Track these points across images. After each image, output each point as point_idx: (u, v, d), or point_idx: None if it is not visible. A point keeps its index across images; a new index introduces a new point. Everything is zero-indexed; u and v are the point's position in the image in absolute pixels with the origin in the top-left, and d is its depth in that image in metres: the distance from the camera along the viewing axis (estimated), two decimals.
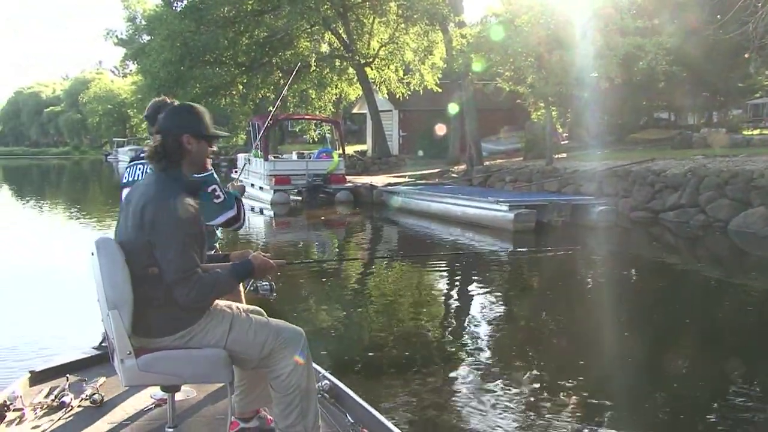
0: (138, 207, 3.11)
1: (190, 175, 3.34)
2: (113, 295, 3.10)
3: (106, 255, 3.13)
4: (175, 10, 34.79)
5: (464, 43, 25.18)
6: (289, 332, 3.38)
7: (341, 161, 25.15)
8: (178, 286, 3.04)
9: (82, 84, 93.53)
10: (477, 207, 17.08)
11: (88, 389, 4.31)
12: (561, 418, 5.48)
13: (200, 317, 3.21)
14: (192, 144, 3.26)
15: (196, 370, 3.22)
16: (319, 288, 10.87)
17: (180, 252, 3.04)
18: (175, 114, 3.35)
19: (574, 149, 27.91)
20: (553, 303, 10.06)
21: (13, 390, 4.20)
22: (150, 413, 4.12)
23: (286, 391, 3.31)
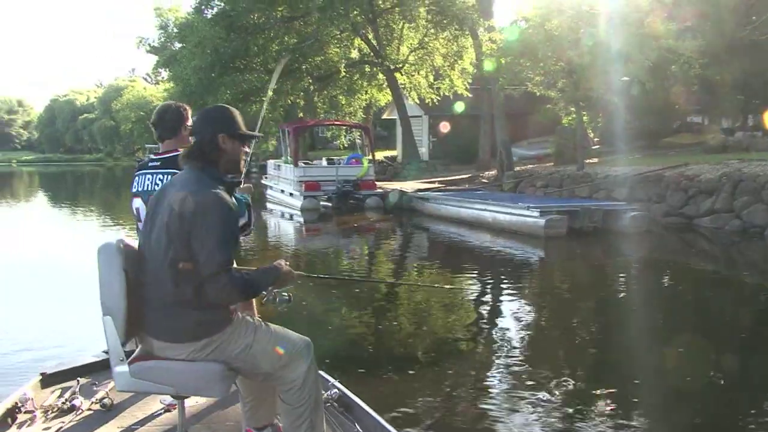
0: (177, 198, 3.09)
1: (226, 175, 3.32)
2: (108, 301, 3.12)
3: (104, 261, 3.14)
4: (205, 18, 34.95)
5: (494, 47, 25.06)
6: (300, 343, 3.36)
7: (371, 167, 25.11)
8: (212, 280, 3.00)
9: (115, 91, 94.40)
10: (508, 213, 16.96)
11: (99, 393, 4.32)
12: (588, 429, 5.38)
13: (226, 326, 3.17)
14: (227, 143, 3.28)
15: (189, 383, 3.17)
16: (341, 294, 10.85)
17: (219, 244, 3.02)
18: (209, 115, 3.39)
19: (605, 154, 27.60)
20: (584, 309, 9.95)
21: (25, 392, 4.22)
22: (160, 418, 4.11)
23: (297, 403, 3.29)
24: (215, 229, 3.03)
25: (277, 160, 29.72)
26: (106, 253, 3.16)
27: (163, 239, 3.10)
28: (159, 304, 3.13)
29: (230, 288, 3.03)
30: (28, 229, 22.03)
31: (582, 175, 21.82)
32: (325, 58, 35.74)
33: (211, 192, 3.09)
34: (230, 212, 3.12)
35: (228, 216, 3.10)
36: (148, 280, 3.16)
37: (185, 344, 3.12)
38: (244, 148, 3.40)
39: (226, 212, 3.09)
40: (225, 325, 3.17)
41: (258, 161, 49.81)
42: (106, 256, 3.15)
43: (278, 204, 26.19)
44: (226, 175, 3.33)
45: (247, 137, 3.42)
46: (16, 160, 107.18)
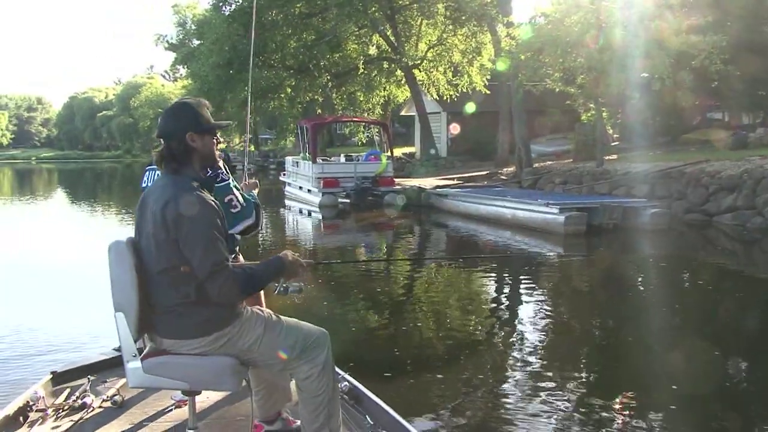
0: (158, 208, 3.09)
1: (203, 171, 3.33)
2: (119, 297, 3.13)
3: (115, 258, 3.16)
4: (223, 14, 35.03)
5: (513, 43, 24.94)
6: (316, 334, 3.37)
7: (389, 164, 25.08)
8: (211, 280, 3.02)
9: (133, 89, 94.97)
10: (527, 210, 16.88)
11: (109, 390, 4.36)
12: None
13: (235, 320, 3.19)
14: (197, 141, 3.24)
15: (202, 377, 3.18)
16: (357, 288, 10.94)
17: (207, 245, 3.03)
18: (173, 115, 3.32)
19: (624, 150, 27.41)
20: (603, 308, 9.89)
21: (36, 391, 4.24)
22: (170, 414, 4.14)
23: (315, 392, 3.31)
24: (201, 231, 3.04)
25: (296, 156, 29.71)
26: (116, 250, 3.17)
27: (153, 249, 3.12)
28: (163, 309, 3.15)
29: (230, 285, 3.04)
30: (44, 225, 22.14)
31: (601, 171, 21.68)
32: (343, 55, 35.78)
33: (190, 195, 3.08)
34: (213, 211, 3.11)
35: (211, 215, 3.09)
36: (150, 285, 3.16)
37: (196, 339, 3.14)
38: (215, 140, 3.36)
39: (209, 212, 3.09)
40: (234, 318, 3.19)
41: (276, 158, 49.95)
42: (117, 253, 3.16)
43: (296, 201, 26.22)
44: (204, 172, 3.34)
45: (215, 128, 3.37)
46: (35, 156, 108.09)
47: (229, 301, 3.14)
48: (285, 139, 46.91)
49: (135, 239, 3.25)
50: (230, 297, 3.11)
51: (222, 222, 3.17)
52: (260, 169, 52.20)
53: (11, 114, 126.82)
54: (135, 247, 3.19)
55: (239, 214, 4.20)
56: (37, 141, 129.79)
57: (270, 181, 41.05)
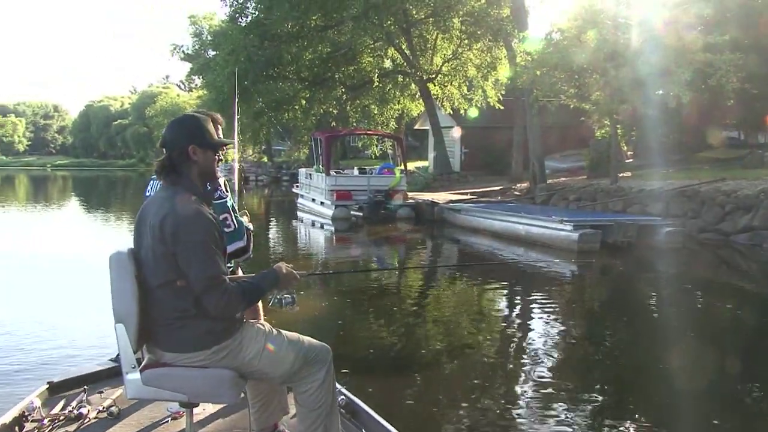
0: (156, 221, 3.09)
1: (202, 185, 3.32)
2: (120, 308, 3.14)
3: (116, 269, 3.17)
4: (239, 26, 35.17)
5: (528, 59, 24.88)
6: (318, 348, 3.39)
7: (403, 177, 25.03)
8: (207, 295, 3.04)
9: (149, 98, 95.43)
10: (540, 226, 16.78)
11: (106, 401, 4.36)
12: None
13: (235, 333, 3.20)
14: (198, 154, 3.24)
15: (200, 389, 3.18)
16: (363, 299, 10.94)
17: (204, 260, 3.04)
18: (178, 126, 3.33)
19: (639, 168, 27.28)
20: (616, 326, 9.77)
21: (32, 401, 4.25)
22: (166, 426, 4.14)
23: (313, 406, 3.32)
24: (198, 245, 3.05)
25: (309, 168, 29.72)
26: (117, 261, 3.18)
27: (151, 262, 3.13)
28: (163, 321, 3.15)
29: (226, 300, 3.06)
30: (53, 232, 22.19)
31: (615, 188, 21.59)
32: (358, 68, 35.89)
33: (187, 208, 3.09)
34: (211, 225, 3.12)
35: (209, 229, 3.10)
36: (149, 297, 3.17)
37: (196, 353, 3.15)
38: (217, 157, 3.35)
39: (207, 226, 3.10)
40: (234, 331, 3.20)
41: (289, 169, 50.00)
42: (118, 263, 3.17)
43: (309, 213, 26.20)
44: (202, 186, 3.32)
45: (219, 145, 3.36)
46: (50, 164, 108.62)
47: (226, 315, 3.14)
48: (298, 151, 46.91)
49: (135, 250, 3.25)
50: (227, 311, 3.11)
51: (220, 236, 3.18)
52: (273, 181, 52.30)
53: (28, 121, 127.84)
54: (135, 258, 3.20)
55: (232, 235, 4.17)
56: (53, 148, 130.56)
57: (282, 193, 41.12)
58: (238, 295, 3.10)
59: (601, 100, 22.46)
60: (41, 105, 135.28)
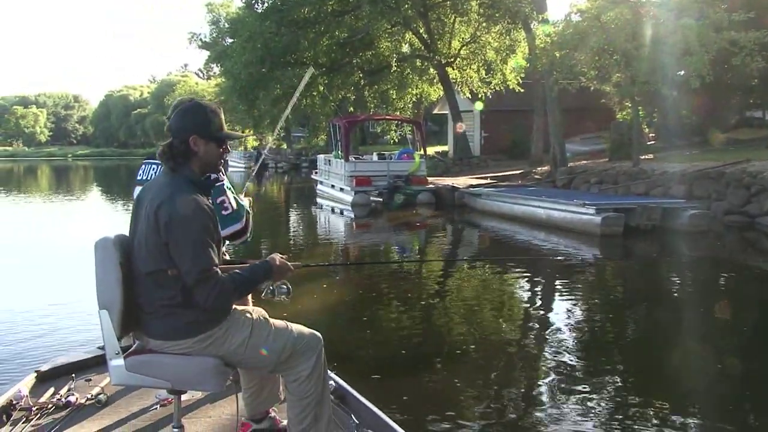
0: (152, 209, 3.07)
1: (202, 174, 3.26)
2: (104, 295, 3.13)
3: (102, 255, 3.16)
4: (256, 12, 35.03)
5: (548, 41, 24.58)
6: (308, 337, 3.36)
7: (423, 162, 24.86)
8: (198, 287, 3.01)
9: (168, 87, 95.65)
10: (562, 210, 16.58)
11: (94, 389, 4.35)
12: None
13: (221, 321, 3.17)
14: (199, 146, 3.20)
15: (184, 377, 3.18)
16: (379, 286, 10.78)
17: (197, 251, 3.01)
18: (183, 114, 3.25)
19: (661, 150, 26.99)
20: (639, 312, 9.60)
21: (19, 389, 4.27)
22: (155, 413, 4.14)
23: (302, 395, 3.32)
24: (192, 236, 3.02)
25: (328, 155, 29.60)
26: (102, 247, 3.17)
27: (143, 249, 3.11)
28: (149, 309, 3.15)
29: (218, 292, 3.03)
30: (66, 222, 22.19)
31: (637, 171, 21.29)
32: (375, 53, 35.68)
33: (183, 198, 3.05)
34: (206, 216, 3.09)
35: (204, 220, 3.07)
36: (137, 284, 3.17)
37: (181, 340, 3.14)
38: (221, 150, 3.30)
39: (202, 217, 3.07)
40: (221, 320, 3.17)
41: (308, 156, 49.94)
42: (103, 250, 3.16)
43: (328, 199, 26.09)
44: (202, 175, 3.26)
45: (223, 139, 3.31)
46: (71, 154, 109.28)
47: (217, 307, 3.11)
48: (317, 137, 46.83)
49: (128, 236, 3.25)
50: (218, 303, 3.08)
51: (215, 227, 3.15)
52: (292, 168, 52.29)
53: (49, 112, 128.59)
54: (125, 244, 3.20)
55: (229, 217, 4.13)
56: (74, 138, 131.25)
57: (302, 180, 41.08)
58: (229, 287, 3.08)
59: (621, 82, 22.16)
60: (62, 96, 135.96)
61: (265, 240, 17.74)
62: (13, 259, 13.60)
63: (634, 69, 21.18)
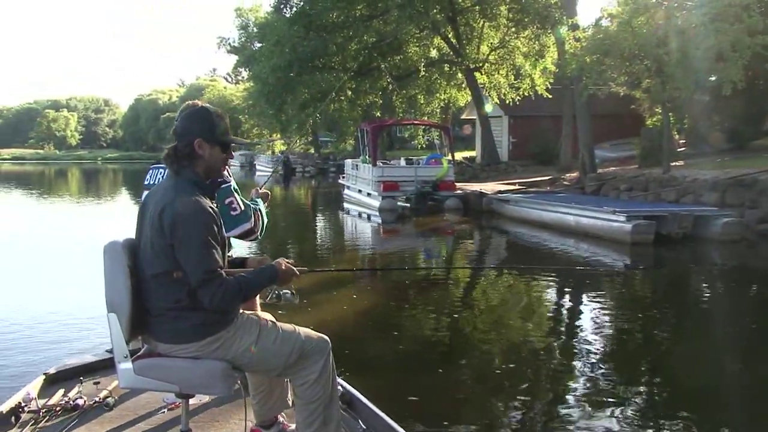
0: (156, 212, 3.11)
1: (206, 178, 3.30)
2: (112, 298, 3.17)
3: (109, 259, 3.19)
4: (284, 16, 35.09)
5: (578, 46, 24.38)
6: (315, 341, 3.38)
7: (451, 168, 24.74)
8: (203, 289, 3.04)
9: (196, 91, 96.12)
10: (592, 217, 16.38)
11: (102, 392, 4.37)
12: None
13: (230, 324, 3.21)
14: (204, 149, 3.23)
15: (192, 380, 3.20)
16: (386, 295, 10.70)
17: (201, 253, 3.04)
18: (189, 118, 3.31)
19: (691, 157, 26.67)
20: (669, 323, 9.39)
21: (28, 392, 4.28)
22: (163, 417, 4.16)
23: (310, 398, 3.33)
24: (196, 238, 3.05)
25: (355, 159, 29.56)
26: (111, 250, 3.20)
27: (149, 252, 3.14)
28: (157, 312, 3.17)
29: (222, 294, 3.04)
30: (87, 223, 22.24)
31: (668, 178, 21.01)
32: (404, 57, 35.59)
33: (187, 200, 3.08)
34: (209, 217, 3.11)
35: (207, 222, 3.09)
36: (145, 288, 3.20)
37: (189, 344, 3.16)
38: (225, 154, 3.34)
39: (205, 218, 3.09)
40: (228, 323, 3.20)
41: (336, 160, 49.97)
42: (111, 253, 3.20)
43: (355, 204, 26.04)
44: (206, 179, 3.30)
45: (228, 143, 3.34)
46: (101, 157, 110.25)
47: (221, 309, 3.12)
48: (345, 142, 46.83)
49: (134, 240, 3.27)
50: (222, 305, 3.09)
51: (219, 229, 3.17)
52: (320, 172, 52.35)
53: (80, 115, 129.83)
54: (133, 248, 3.23)
55: (238, 218, 4.15)
56: (104, 142, 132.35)
57: (329, 184, 41.10)
58: (234, 289, 3.09)
59: (652, 88, 21.90)
60: (92, 99, 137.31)
61: (292, 244, 17.76)
62: (30, 260, 13.75)
63: (666, 75, 20.92)
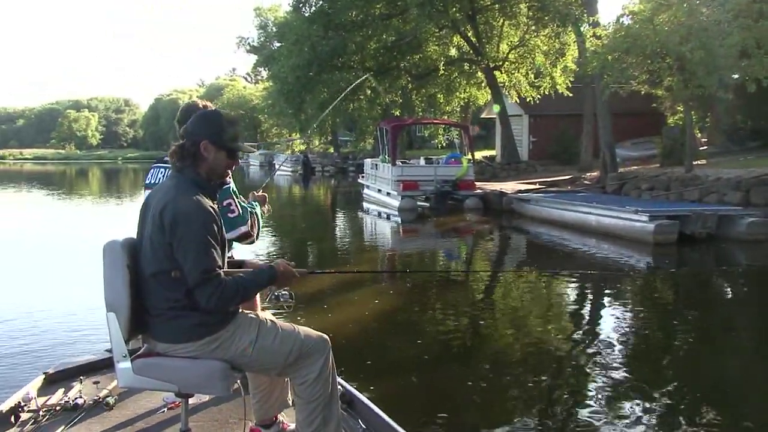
0: (158, 209, 3.13)
1: (208, 180, 3.31)
2: (111, 297, 3.17)
3: (109, 258, 3.19)
4: (303, 16, 35.06)
5: (599, 44, 24.17)
6: (315, 339, 3.39)
7: (470, 167, 24.60)
8: (200, 288, 3.05)
9: (216, 90, 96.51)
10: (614, 217, 16.20)
11: (102, 391, 4.39)
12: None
13: (228, 323, 3.21)
14: (209, 151, 3.24)
15: (191, 380, 3.20)
16: (398, 296, 10.63)
17: (200, 252, 3.05)
18: (199, 119, 3.34)
19: (714, 155, 26.44)
20: (692, 325, 9.20)
21: (28, 391, 4.29)
22: (163, 416, 4.16)
23: (310, 397, 3.34)
24: (195, 237, 3.06)
25: (375, 159, 29.47)
26: (110, 250, 3.21)
27: (149, 251, 3.15)
28: (156, 311, 3.18)
29: (219, 294, 3.05)
30: (99, 222, 22.33)
31: (691, 177, 20.79)
32: (423, 56, 35.49)
33: (188, 199, 3.10)
34: (210, 217, 3.12)
35: (207, 221, 3.10)
36: (144, 287, 3.20)
37: (188, 343, 3.17)
38: (231, 161, 3.35)
39: (205, 218, 3.10)
40: (227, 322, 3.21)
41: (355, 160, 49.93)
42: (111, 253, 3.20)
43: (375, 204, 25.95)
44: (208, 181, 3.31)
45: (234, 149, 3.35)
46: (121, 157, 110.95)
47: (219, 309, 3.13)
48: (364, 141, 46.76)
49: (134, 240, 3.28)
50: (219, 305, 3.10)
51: (219, 229, 3.18)
52: (339, 171, 52.35)
53: (101, 116, 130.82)
54: (132, 247, 3.24)
55: (235, 220, 4.13)
56: (124, 141, 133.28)
57: (348, 183, 41.06)
58: (232, 290, 3.10)
59: (674, 85, 21.67)
60: (113, 100, 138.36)
61: (311, 244, 17.71)
62: (34, 259, 13.87)
63: (688, 72, 20.69)
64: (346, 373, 5.59)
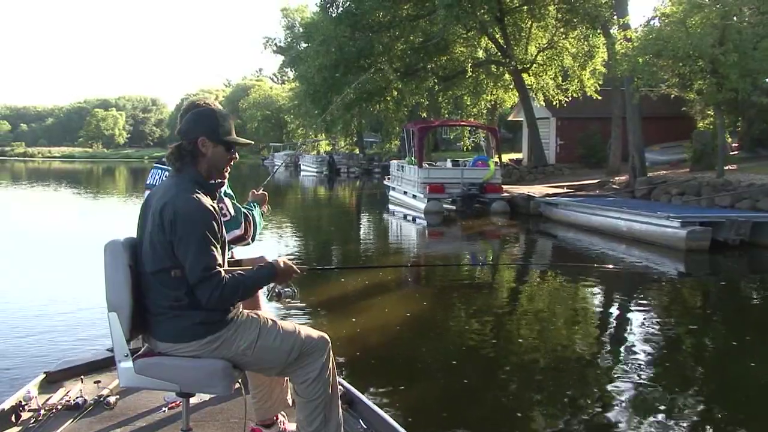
0: (157, 209, 3.12)
1: (209, 178, 3.32)
2: (113, 297, 3.16)
3: (111, 257, 3.18)
4: (330, 16, 34.98)
5: (629, 46, 23.86)
6: (315, 339, 3.39)
7: (498, 170, 24.37)
8: (201, 286, 3.04)
9: (242, 91, 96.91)
10: (644, 222, 15.93)
11: (103, 391, 4.40)
12: None
13: (230, 323, 3.20)
14: (207, 147, 3.25)
15: (193, 379, 3.20)
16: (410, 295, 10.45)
17: (200, 250, 3.04)
18: (192, 117, 3.33)
19: (746, 160, 26.03)
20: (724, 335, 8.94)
21: (29, 390, 4.29)
22: (164, 415, 4.16)
23: (311, 397, 3.33)
24: (195, 235, 3.05)
25: (401, 160, 29.32)
26: (111, 249, 3.20)
27: (149, 250, 3.14)
28: (157, 311, 3.17)
29: (220, 292, 3.04)
30: (109, 221, 22.16)
31: (722, 182, 20.43)
32: (450, 58, 35.28)
33: (188, 197, 3.09)
34: (210, 215, 3.11)
35: (207, 220, 3.10)
36: (145, 287, 3.20)
37: (189, 343, 3.16)
38: (229, 155, 3.35)
39: (205, 215, 3.10)
40: (228, 321, 3.20)
41: (381, 161, 49.83)
42: (112, 252, 3.19)
43: (400, 206, 25.82)
44: (208, 179, 3.31)
45: (231, 143, 3.35)
46: (147, 156, 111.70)
47: (219, 307, 3.13)
48: (390, 143, 46.64)
49: (136, 239, 3.27)
50: (220, 303, 3.10)
51: (219, 227, 3.17)
52: (364, 173, 52.28)
53: (128, 115, 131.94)
54: (133, 246, 3.23)
55: (228, 224, 4.03)
56: (150, 140, 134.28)
57: (374, 185, 40.97)
58: (232, 287, 3.08)
59: (706, 89, 21.34)
60: (140, 99, 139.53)
61: (337, 245, 17.59)
62: (38, 259, 13.84)
63: (721, 75, 20.36)
64: (347, 373, 5.65)
